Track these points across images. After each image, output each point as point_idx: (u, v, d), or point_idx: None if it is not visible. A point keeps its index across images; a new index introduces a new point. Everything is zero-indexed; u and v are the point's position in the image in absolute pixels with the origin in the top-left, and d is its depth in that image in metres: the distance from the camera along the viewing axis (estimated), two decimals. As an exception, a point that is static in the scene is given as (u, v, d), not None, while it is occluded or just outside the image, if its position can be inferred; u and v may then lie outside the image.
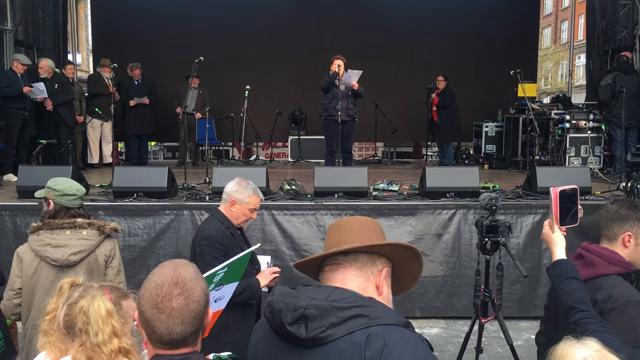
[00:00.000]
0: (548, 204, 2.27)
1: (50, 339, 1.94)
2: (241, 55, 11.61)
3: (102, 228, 3.33)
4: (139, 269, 5.86)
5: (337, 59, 7.93)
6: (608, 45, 10.53)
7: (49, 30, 10.72)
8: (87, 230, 3.28)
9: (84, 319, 1.85)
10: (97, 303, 1.87)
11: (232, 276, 2.87)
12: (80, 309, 1.86)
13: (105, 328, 1.82)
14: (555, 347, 1.55)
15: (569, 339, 1.56)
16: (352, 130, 8.19)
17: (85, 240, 3.27)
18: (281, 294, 1.58)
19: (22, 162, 8.10)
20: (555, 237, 2.23)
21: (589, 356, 1.47)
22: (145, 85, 10.32)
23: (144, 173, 6.62)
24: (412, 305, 5.98)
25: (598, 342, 1.53)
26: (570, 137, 8.54)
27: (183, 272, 1.61)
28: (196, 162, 10.57)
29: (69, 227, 3.25)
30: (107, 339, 1.81)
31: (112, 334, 1.82)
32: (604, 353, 1.49)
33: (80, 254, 3.24)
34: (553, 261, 2.20)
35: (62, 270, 3.21)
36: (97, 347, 1.80)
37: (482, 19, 11.89)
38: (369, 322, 1.48)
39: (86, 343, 1.83)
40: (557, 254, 2.20)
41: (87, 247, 3.27)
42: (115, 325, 1.84)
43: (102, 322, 1.83)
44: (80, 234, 3.26)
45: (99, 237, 3.31)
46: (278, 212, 6.02)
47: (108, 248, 3.36)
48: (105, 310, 1.85)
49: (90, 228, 3.30)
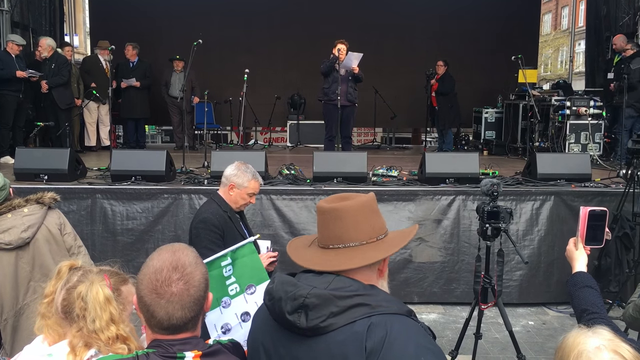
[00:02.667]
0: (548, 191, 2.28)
1: (48, 322, 1.91)
2: (240, 38, 11.52)
3: (41, 200, 3.34)
4: (137, 253, 5.85)
5: (340, 43, 7.83)
6: (609, 31, 10.46)
7: (46, 12, 10.59)
8: (27, 207, 3.29)
9: (81, 304, 1.82)
10: (96, 289, 1.84)
11: (258, 276, 2.86)
12: (79, 295, 1.84)
13: (103, 315, 1.80)
14: (567, 335, 1.52)
15: (580, 328, 1.53)
16: (351, 115, 8.15)
17: (30, 215, 3.27)
18: (281, 282, 1.55)
19: (19, 144, 8.03)
20: (577, 254, 2.25)
21: (602, 345, 1.44)
22: (140, 67, 10.20)
23: (142, 156, 6.58)
24: (410, 290, 5.98)
25: (610, 331, 1.50)
26: (570, 124, 8.50)
27: (182, 257, 1.59)
28: (194, 146, 10.52)
29: (8, 211, 3.25)
30: (105, 326, 1.79)
31: (109, 320, 1.80)
32: (616, 342, 1.46)
33: (30, 229, 3.25)
34: (572, 274, 2.22)
35: (22, 250, 3.24)
36: (94, 334, 1.78)
37: (483, 5, 11.82)
38: (371, 311, 1.45)
39: (83, 329, 1.81)
40: (576, 268, 2.23)
41: (34, 220, 3.27)
42: (113, 312, 1.82)
43: (100, 308, 1.81)
44: (22, 212, 3.26)
45: (42, 209, 3.32)
46: (277, 196, 5.99)
47: (55, 217, 3.38)
48: (103, 297, 1.83)
49: (29, 204, 3.30)
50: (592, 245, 2.25)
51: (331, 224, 1.59)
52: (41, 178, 6.12)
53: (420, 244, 5.98)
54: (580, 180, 6.38)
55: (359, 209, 1.59)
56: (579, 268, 2.22)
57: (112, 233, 5.93)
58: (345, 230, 1.57)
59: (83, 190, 6.01)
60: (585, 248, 2.25)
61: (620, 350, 1.44)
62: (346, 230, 1.57)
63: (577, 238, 2.27)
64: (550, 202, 5.99)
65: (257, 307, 1.69)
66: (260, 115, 11.23)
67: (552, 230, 5.96)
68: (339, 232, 1.58)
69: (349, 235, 1.57)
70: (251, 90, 9.97)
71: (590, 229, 2.23)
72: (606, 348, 1.44)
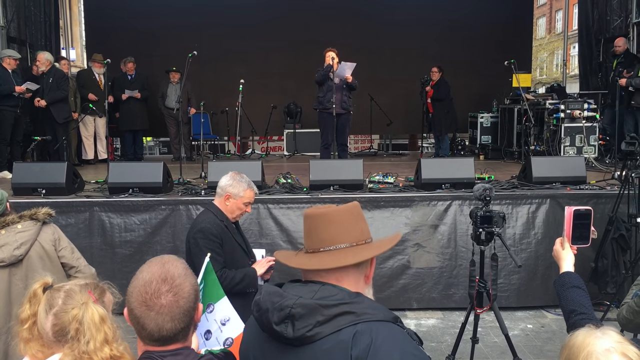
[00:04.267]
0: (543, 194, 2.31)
1: (32, 344, 1.89)
2: (235, 48, 11.57)
3: (35, 216, 3.34)
4: (136, 265, 5.76)
5: (329, 51, 7.91)
6: (601, 35, 10.53)
7: (42, 26, 10.66)
8: (20, 224, 3.29)
9: (77, 326, 1.78)
10: (91, 311, 1.80)
11: (215, 293, 2.85)
12: (74, 318, 1.79)
13: (97, 336, 1.77)
14: (575, 334, 1.52)
15: (590, 327, 1.52)
16: (347, 122, 8.19)
17: (23, 232, 3.28)
18: (267, 292, 1.57)
19: (17, 159, 8.06)
20: (564, 254, 2.26)
21: (612, 347, 1.44)
22: (138, 80, 10.29)
23: (140, 168, 6.61)
24: (409, 296, 5.99)
25: (619, 333, 1.50)
26: (565, 127, 8.53)
27: (172, 269, 1.60)
28: (192, 157, 10.56)
29: (2, 227, 3.26)
30: (99, 347, 1.76)
31: (104, 341, 1.77)
32: (625, 345, 1.46)
33: (23, 246, 3.26)
34: (560, 274, 2.23)
35: (15, 267, 3.24)
36: (86, 355, 1.75)
37: (476, 10, 11.87)
38: (356, 319, 1.47)
39: (75, 350, 1.77)
40: (563, 268, 2.24)
41: (27, 237, 3.28)
42: (107, 332, 1.79)
43: (96, 329, 1.78)
44: (16, 228, 3.27)
45: (35, 225, 3.32)
46: (274, 205, 6.02)
47: (49, 233, 3.38)
48: (99, 317, 1.80)
49: (23, 220, 3.31)
50: (578, 245, 2.27)
51: (321, 228, 1.63)
52: (39, 192, 6.13)
53: (418, 250, 6.00)
54: (575, 183, 6.41)
55: (348, 213, 1.65)
56: (566, 268, 2.23)
57: (110, 245, 5.95)
58: (335, 233, 1.61)
59: (81, 203, 6.03)
60: (572, 247, 2.26)
61: (629, 354, 1.44)
62: (336, 232, 1.61)
63: (563, 238, 2.29)
64: (546, 205, 6.02)
65: (218, 325, 1.71)
66: (256, 125, 11.27)
67: (548, 233, 5.98)
68: (329, 235, 1.61)
69: (339, 237, 1.61)
70: (247, 100, 10.02)
71: (576, 228, 2.25)
72: (616, 350, 1.44)
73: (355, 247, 1.61)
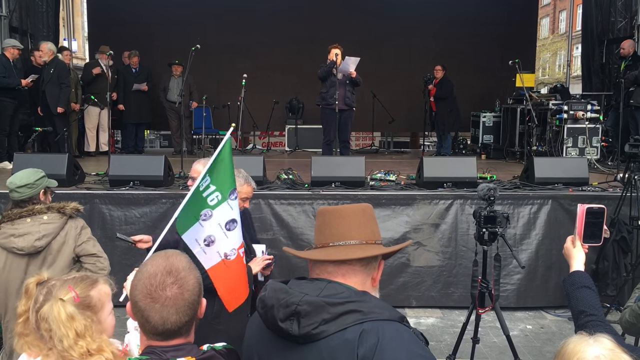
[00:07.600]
0: (545, 195, 2.27)
1: (27, 339, 1.89)
2: (238, 43, 11.54)
3: (62, 210, 3.35)
4: (135, 258, 5.82)
5: (334, 48, 7.87)
6: (605, 36, 10.49)
7: (44, 17, 10.61)
8: (47, 215, 3.30)
9: (45, 326, 1.78)
10: (56, 309, 1.78)
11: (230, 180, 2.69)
12: (41, 317, 1.80)
13: (68, 333, 1.76)
14: (567, 341, 1.50)
15: (582, 334, 1.51)
16: (349, 119, 8.15)
17: (48, 224, 3.28)
18: (273, 289, 1.55)
19: (16, 150, 8.03)
20: (575, 252, 2.23)
21: (602, 355, 1.42)
22: (143, 73, 10.30)
23: (141, 161, 6.58)
24: (409, 294, 5.98)
25: (612, 340, 1.47)
26: (567, 128, 8.51)
27: (176, 262, 1.59)
28: (193, 151, 10.53)
29: (28, 215, 3.26)
30: (73, 343, 1.75)
31: (76, 337, 1.76)
32: (617, 352, 1.43)
33: (45, 238, 3.26)
34: (570, 272, 2.20)
35: (34, 258, 3.24)
36: (65, 352, 1.74)
37: (480, 9, 11.84)
38: (363, 318, 1.46)
39: (53, 349, 1.77)
40: (574, 267, 2.20)
41: (50, 230, 3.28)
42: (78, 328, 1.77)
43: (64, 327, 1.76)
44: (42, 219, 3.27)
45: (61, 219, 3.33)
46: (275, 201, 6.00)
47: (73, 227, 3.39)
48: (65, 315, 1.78)
49: (50, 212, 3.32)
50: (590, 243, 2.23)
51: (333, 223, 1.64)
52: (39, 183, 6.09)
53: (418, 248, 5.99)
54: (577, 184, 6.39)
55: (360, 212, 1.67)
56: (576, 267, 2.19)
57: (110, 238, 5.90)
58: (347, 229, 1.62)
59: (81, 195, 5.99)
60: (583, 246, 2.22)
61: None
62: (348, 228, 1.62)
63: (575, 236, 2.25)
64: (548, 206, 6.00)
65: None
66: (258, 120, 11.24)
67: (549, 234, 5.97)
68: (341, 230, 1.62)
69: (350, 233, 1.62)
70: (249, 95, 9.96)
71: (588, 226, 2.22)
72: (606, 358, 1.42)
73: (365, 245, 1.62)
